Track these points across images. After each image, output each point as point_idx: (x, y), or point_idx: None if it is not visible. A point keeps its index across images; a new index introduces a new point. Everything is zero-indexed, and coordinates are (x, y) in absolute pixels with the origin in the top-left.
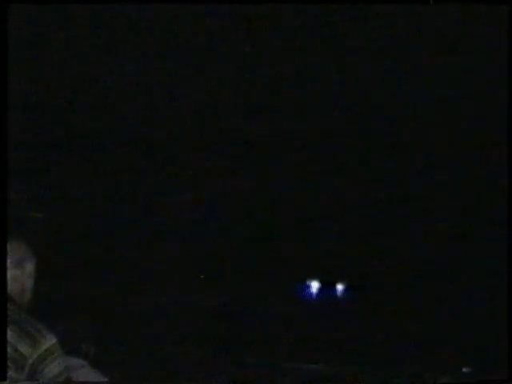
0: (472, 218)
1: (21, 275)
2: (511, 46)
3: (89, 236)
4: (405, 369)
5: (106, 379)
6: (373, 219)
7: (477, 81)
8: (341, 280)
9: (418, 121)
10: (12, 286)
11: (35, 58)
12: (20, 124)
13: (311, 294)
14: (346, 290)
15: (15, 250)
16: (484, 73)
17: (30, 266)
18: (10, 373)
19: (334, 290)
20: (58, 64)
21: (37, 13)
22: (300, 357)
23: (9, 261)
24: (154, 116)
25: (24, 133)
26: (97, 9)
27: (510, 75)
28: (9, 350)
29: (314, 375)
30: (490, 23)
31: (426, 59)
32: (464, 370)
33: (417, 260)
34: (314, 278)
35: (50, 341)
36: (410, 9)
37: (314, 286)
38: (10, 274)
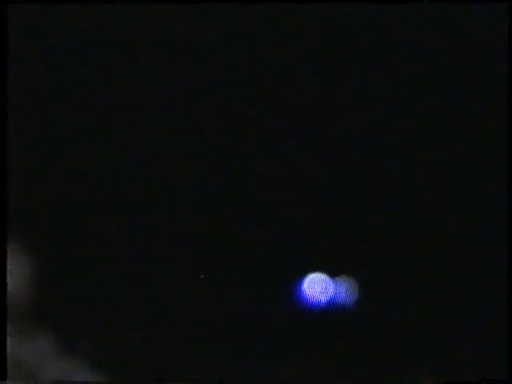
0: (472, 217)
1: (21, 275)
2: (511, 45)
3: (89, 235)
4: (404, 368)
5: (106, 379)
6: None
7: (476, 80)
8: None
9: (416, 121)
10: (12, 286)
11: (35, 58)
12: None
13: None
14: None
15: (15, 250)
16: (483, 72)
17: (29, 266)
18: (11, 373)
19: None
20: (59, 64)
21: (37, 13)
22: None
23: (9, 260)
24: (154, 115)
25: (24, 133)
26: (97, 9)
27: (510, 74)
28: (9, 349)
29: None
30: (489, 21)
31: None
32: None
33: (416, 258)
34: (316, 271)
35: (50, 340)
36: (405, 7)
37: (316, 279)
38: (9, 273)
